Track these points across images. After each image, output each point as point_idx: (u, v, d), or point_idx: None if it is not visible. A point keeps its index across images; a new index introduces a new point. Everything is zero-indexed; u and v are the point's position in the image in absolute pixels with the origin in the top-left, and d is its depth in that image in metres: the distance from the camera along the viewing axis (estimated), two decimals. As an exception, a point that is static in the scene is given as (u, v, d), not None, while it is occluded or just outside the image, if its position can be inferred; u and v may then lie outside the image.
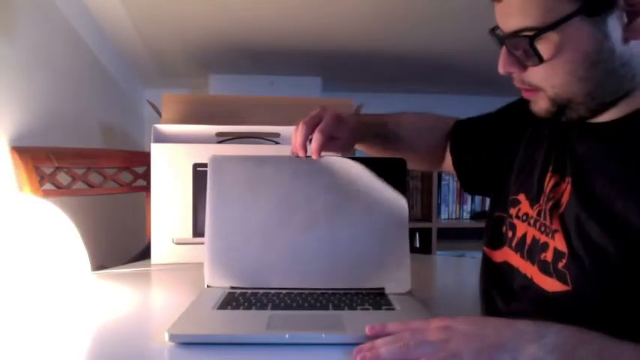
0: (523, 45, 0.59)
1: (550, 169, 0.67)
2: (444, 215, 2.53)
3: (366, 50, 1.99)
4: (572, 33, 0.56)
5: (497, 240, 0.74)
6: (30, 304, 0.77)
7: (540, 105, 0.63)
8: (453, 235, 2.54)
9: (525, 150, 0.74)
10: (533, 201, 0.68)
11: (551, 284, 0.62)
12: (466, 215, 2.55)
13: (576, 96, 0.60)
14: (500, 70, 0.62)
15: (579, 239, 0.59)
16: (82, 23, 1.66)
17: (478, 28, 0.85)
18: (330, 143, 0.82)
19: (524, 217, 0.69)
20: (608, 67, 0.57)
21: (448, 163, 0.92)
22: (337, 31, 1.82)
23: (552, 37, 0.57)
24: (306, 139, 0.80)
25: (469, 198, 2.55)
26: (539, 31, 0.57)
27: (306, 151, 0.82)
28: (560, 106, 0.61)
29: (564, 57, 0.58)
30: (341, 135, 0.83)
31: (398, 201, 0.83)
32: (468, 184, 0.90)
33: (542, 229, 0.65)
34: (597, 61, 0.57)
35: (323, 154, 0.81)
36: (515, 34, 0.59)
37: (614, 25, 0.55)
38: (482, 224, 0.80)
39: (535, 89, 0.62)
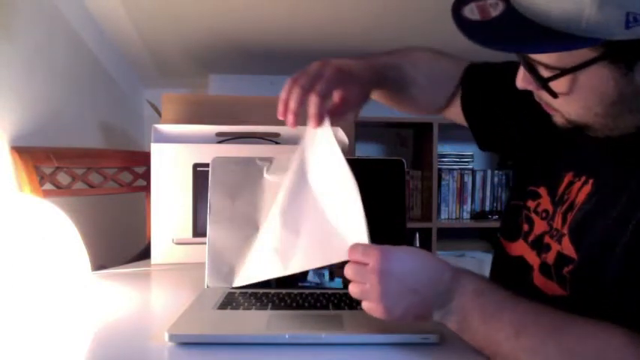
0: (538, 78, 0.55)
1: (566, 163, 0.64)
2: (444, 215, 2.53)
3: (366, 50, 1.99)
4: (590, 76, 0.52)
5: (512, 231, 0.71)
6: (30, 305, 0.77)
7: (557, 121, 0.60)
8: (453, 235, 2.54)
9: (553, 135, 0.68)
10: (554, 198, 0.65)
11: (548, 286, 0.61)
12: (466, 215, 2.54)
13: (592, 125, 0.56)
14: (518, 84, 0.59)
15: (594, 245, 0.57)
16: (82, 23, 1.66)
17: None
18: (337, 108, 0.70)
19: (544, 214, 0.66)
20: (632, 107, 0.53)
21: (454, 111, 0.84)
22: (337, 31, 1.82)
23: (569, 77, 0.52)
24: (300, 103, 0.66)
25: (469, 198, 2.55)
26: (555, 76, 0.53)
27: (297, 117, 0.67)
28: (577, 127, 0.58)
29: (580, 95, 0.54)
30: (350, 93, 0.70)
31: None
32: (481, 139, 0.83)
33: (550, 229, 0.64)
34: (617, 102, 0.52)
35: (326, 123, 0.67)
36: (532, 65, 0.55)
37: None
38: (482, 224, 0.80)
39: (552, 108, 0.59)
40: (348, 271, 0.58)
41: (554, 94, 0.55)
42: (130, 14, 1.69)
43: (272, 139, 1.17)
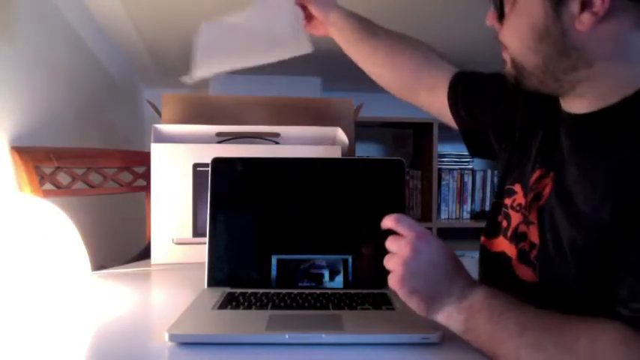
0: None
1: (538, 161, 0.69)
2: (443, 215, 2.53)
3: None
4: (527, 2, 0.59)
5: (493, 228, 0.74)
6: (30, 304, 0.77)
7: (507, 66, 0.65)
8: (453, 235, 2.54)
9: (522, 137, 0.74)
10: (526, 190, 0.69)
11: (525, 272, 0.65)
12: (466, 215, 2.54)
13: (527, 65, 0.62)
14: (487, 20, 0.66)
15: (550, 233, 0.61)
16: (82, 23, 1.66)
17: (479, 28, 0.85)
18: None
19: (518, 207, 0.70)
20: (558, 47, 0.58)
21: (430, 103, 0.90)
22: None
23: None
24: None
25: (469, 198, 2.55)
26: None
27: None
28: (518, 72, 0.63)
29: (515, 21, 0.61)
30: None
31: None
32: (471, 145, 0.88)
33: (524, 219, 0.67)
34: (544, 37, 0.58)
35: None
36: None
37: (569, 9, 0.55)
38: (482, 224, 0.80)
39: (505, 47, 0.65)
40: (388, 241, 0.61)
41: (502, 13, 0.62)
42: (130, 14, 1.69)
43: (272, 139, 1.17)
